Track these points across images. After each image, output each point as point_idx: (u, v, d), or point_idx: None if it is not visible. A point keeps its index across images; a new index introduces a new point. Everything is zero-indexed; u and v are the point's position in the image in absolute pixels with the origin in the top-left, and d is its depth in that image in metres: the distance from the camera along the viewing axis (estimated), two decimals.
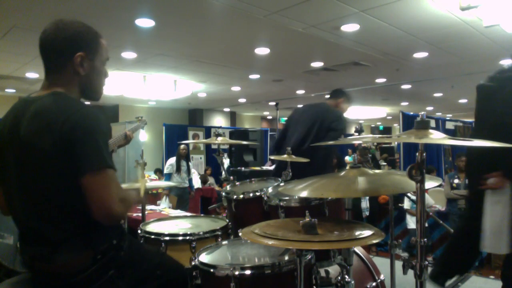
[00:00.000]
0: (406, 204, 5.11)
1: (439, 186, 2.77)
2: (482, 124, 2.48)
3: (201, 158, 10.20)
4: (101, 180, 1.21)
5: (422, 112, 1.25)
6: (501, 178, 2.23)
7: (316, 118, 3.02)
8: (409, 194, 3.25)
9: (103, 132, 1.27)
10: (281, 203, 1.77)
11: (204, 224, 2.15)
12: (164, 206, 5.68)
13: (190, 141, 9.93)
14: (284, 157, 2.21)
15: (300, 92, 9.24)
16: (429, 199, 5.18)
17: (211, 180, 8.93)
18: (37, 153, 1.24)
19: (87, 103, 1.44)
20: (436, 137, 1.17)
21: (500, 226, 2.17)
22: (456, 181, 4.80)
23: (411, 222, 5.16)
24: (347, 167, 1.47)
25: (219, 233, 1.93)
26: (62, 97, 1.30)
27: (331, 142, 1.80)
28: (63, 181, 1.25)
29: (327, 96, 3.48)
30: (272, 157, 2.25)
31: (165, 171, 6.71)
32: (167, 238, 1.86)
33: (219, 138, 2.41)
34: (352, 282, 1.46)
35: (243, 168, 6.69)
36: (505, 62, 6.28)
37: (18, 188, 1.31)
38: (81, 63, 1.34)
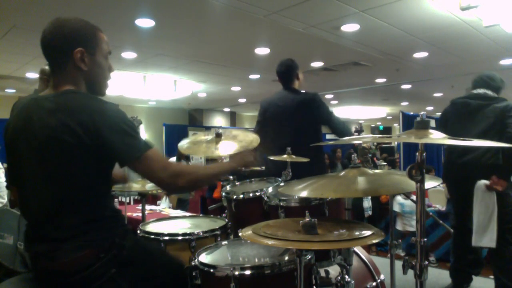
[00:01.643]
0: (397, 207, 5.14)
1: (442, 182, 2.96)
2: (472, 128, 2.90)
3: (201, 158, 10.20)
4: (144, 167, 1.31)
5: (422, 112, 1.25)
6: (500, 181, 2.62)
7: (300, 113, 2.85)
8: (408, 196, 3.26)
9: (125, 119, 1.31)
10: (281, 203, 1.77)
11: (204, 224, 2.15)
12: (164, 206, 5.68)
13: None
14: (284, 157, 2.20)
15: None
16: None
17: None
18: (52, 151, 1.25)
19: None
20: (436, 137, 1.17)
21: (488, 224, 2.60)
22: None
23: (400, 224, 5.23)
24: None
25: (218, 233, 1.93)
26: (77, 94, 1.32)
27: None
28: (70, 179, 1.27)
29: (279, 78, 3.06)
30: (272, 158, 2.24)
31: None
32: (166, 238, 1.86)
33: None
34: (352, 282, 1.46)
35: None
36: (505, 62, 6.29)
37: (29, 185, 1.32)
38: (82, 58, 1.34)
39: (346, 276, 1.44)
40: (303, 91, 3.03)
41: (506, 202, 2.72)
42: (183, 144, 2.05)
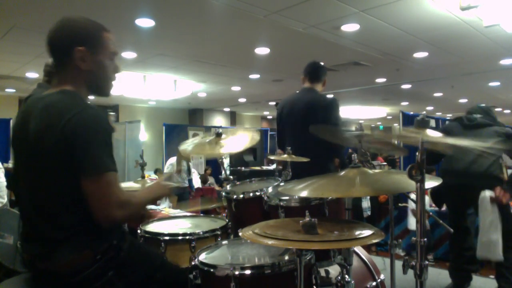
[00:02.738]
0: (412, 205, 5.07)
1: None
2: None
3: (201, 158, 10.18)
4: (99, 186, 1.20)
5: (423, 112, 1.25)
6: (506, 194, 2.68)
7: (311, 113, 2.90)
8: (412, 196, 3.26)
9: (105, 133, 1.25)
10: (281, 203, 1.77)
11: (204, 224, 2.15)
12: (164, 206, 5.68)
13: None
14: (284, 157, 2.20)
15: None
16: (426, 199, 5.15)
17: (211, 180, 8.93)
18: (41, 150, 1.24)
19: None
20: (432, 135, 1.17)
21: (495, 237, 2.63)
22: None
23: (413, 223, 5.14)
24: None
25: (219, 232, 1.92)
26: (68, 95, 1.30)
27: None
28: (64, 180, 1.25)
29: (304, 77, 3.21)
30: (272, 157, 2.24)
31: (165, 171, 6.72)
32: (166, 238, 1.86)
33: None
34: (352, 282, 1.46)
35: (243, 168, 6.68)
36: (505, 62, 6.29)
37: (25, 185, 1.32)
38: (82, 58, 1.32)
39: (346, 276, 1.43)
40: (323, 93, 3.09)
41: (508, 213, 2.77)
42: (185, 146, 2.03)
